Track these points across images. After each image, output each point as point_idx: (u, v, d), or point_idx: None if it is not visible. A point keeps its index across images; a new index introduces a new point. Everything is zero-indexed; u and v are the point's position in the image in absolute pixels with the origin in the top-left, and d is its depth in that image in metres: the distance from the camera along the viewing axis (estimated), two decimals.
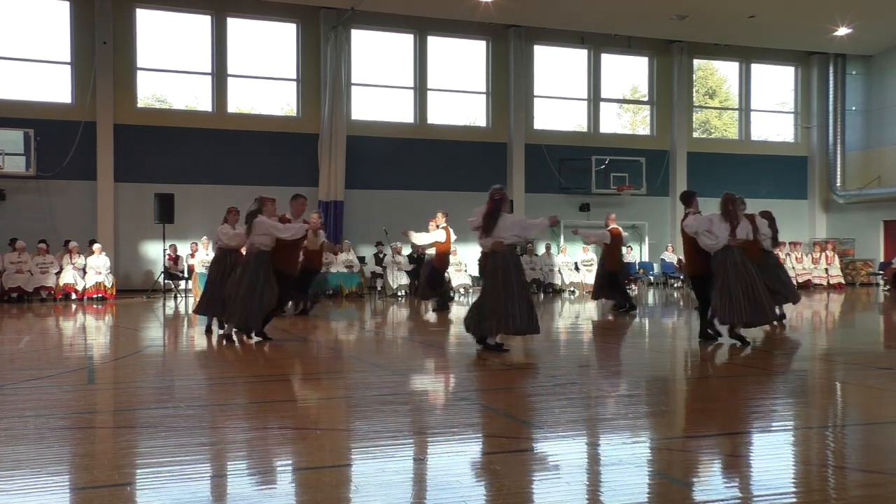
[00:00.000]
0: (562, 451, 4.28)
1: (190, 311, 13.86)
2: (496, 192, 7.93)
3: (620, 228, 13.46)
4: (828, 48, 22.85)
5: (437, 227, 12.94)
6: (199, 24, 19.14)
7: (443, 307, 13.23)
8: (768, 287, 9.06)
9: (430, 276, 13.06)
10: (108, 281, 15.88)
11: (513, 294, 7.71)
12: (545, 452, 4.22)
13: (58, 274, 15.55)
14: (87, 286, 15.62)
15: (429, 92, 20.78)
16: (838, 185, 23.78)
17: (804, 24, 20.74)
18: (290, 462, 4.07)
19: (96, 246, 16.20)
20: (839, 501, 3.50)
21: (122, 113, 18.27)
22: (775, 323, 10.01)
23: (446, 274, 13.76)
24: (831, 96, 23.79)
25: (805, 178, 24.15)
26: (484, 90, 21.35)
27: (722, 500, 3.41)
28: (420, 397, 5.85)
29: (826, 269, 21.05)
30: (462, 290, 18.35)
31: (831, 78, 23.77)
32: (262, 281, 8.67)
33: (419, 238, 12.94)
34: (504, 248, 7.79)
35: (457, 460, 4.13)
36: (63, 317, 12.79)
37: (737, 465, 4.13)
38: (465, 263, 18.95)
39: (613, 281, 13.09)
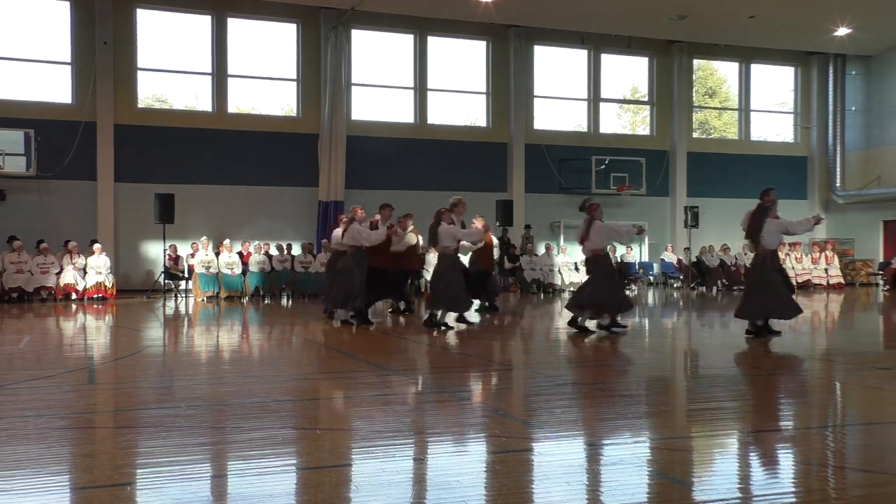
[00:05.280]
0: (562, 450, 4.28)
1: (190, 311, 13.86)
2: (589, 204, 9.85)
3: (492, 234, 12.96)
4: (827, 48, 22.85)
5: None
6: (200, 25, 19.15)
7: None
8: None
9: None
10: (109, 281, 15.88)
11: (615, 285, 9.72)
12: (545, 452, 4.23)
13: (58, 274, 15.55)
14: (87, 286, 15.61)
15: (429, 92, 20.79)
16: (838, 185, 23.79)
17: (804, 24, 20.74)
18: (290, 462, 4.07)
19: (96, 246, 16.19)
20: (839, 501, 3.50)
21: (122, 113, 18.27)
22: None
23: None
24: (831, 96, 23.79)
25: (805, 179, 24.15)
26: (484, 90, 21.36)
27: (722, 500, 3.41)
28: (420, 397, 5.86)
29: (826, 269, 21.05)
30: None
31: (831, 78, 23.77)
32: (359, 272, 10.30)
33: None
34: (602, 253, 9.59)
35: (457, 460, 4.13)
36: (63, 317, 12.79)
37: (737, 465, 4.14)
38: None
39: (483, 281, 12.80)
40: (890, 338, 9.46)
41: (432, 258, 18.17)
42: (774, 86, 24.50)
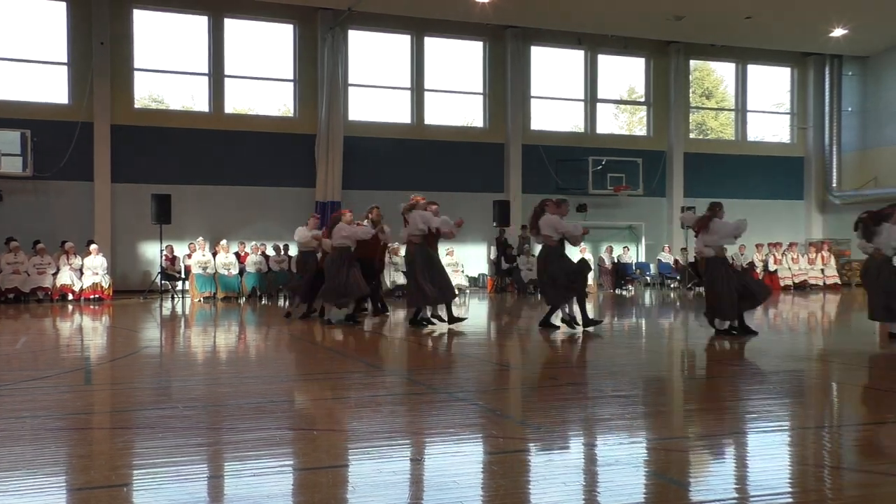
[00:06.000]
0: (559, 451, 4.28)
1: (187, 312, 13.85)
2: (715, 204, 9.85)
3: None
4: (824, 49, 22.90)
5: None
6: (196, 25, 19.13)
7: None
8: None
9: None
10: (105, 281, 15.86)
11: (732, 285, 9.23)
12: (542, 453, 4.23)
13: (55, 275, 15.53)
14: (83, 287, 15.59)
15: (426, 92, 20.79)
16: (834, 185, 23.83)
17: (800, 25, 20.78)
18: (287, 463, 4.07)
19: (93, 246, 16.17)
20: (835, 501, 3.51)
21: (118, 113, 18.25)
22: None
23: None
24: (827, 97, 23.83)
25: (801, 179, 24.19)
26: (481, 91, 21.37)
27: (718, 501, 3.41)
28: (417, 398, 5.86)
29: (822, 270, 21.10)
30: (457, 291, 18.30)
31: (827, 79, 23.81)
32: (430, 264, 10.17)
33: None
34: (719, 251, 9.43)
35: (454, 461, 4.13)
36: (60, 317, 12.77)
37: (733, 466, 4.14)
38: (462, 264, 18.95)
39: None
40: (886, 338, 9.46)
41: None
42: (771, 86, 24.55)
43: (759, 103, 24.31)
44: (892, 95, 22.88)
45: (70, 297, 15.49)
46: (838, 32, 20.80)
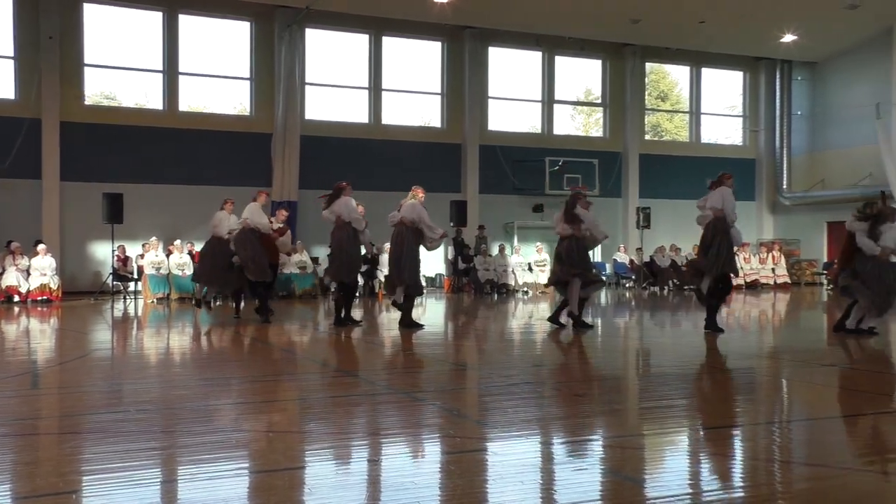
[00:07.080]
0: (515, 450, 4.30)
1: (139, 313, 13.57)
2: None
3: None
4: (775, 54, 23.44)
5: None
6: (150, 21, 18.77)
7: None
8: None
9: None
10: (54, 283, 15.46)
11: None
12: (499, 452, 4.24)
13: (0, 275, 15.08)
14: (31, 288, 15.18)
15: (383, 92, 20.72)
16: (784, 187, 24.41)
17: (752, 30, 21.24)
18: (242, 465, 4.01)
19: (41, 247, 15.74)
20: (785, 495, 3.59)
21: (68, 110, 17.80)
22: None
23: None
24: (778, 101, 24.40)
25: (753, 181, 24.72)
26: (439, 91, 21.37)
27: (672, 497, 3.46)
28: (374, 398, 5.83)
29: (773, 269, 21.59)
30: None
31: (778, 83, 24.39)
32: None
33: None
34: None
35: (411, 461, 4.12)
36: (5, 320, 12.41)
37: (687, 462, 4.21)
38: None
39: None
40: (833, 336, 9.74)
41: None
42: (724, 90, 25.04)
43: (713, 106, 24.78)
44: (838, 100, 23.53)
45: (16, 298, 15.06)
46: (788, 38, 21.31)
